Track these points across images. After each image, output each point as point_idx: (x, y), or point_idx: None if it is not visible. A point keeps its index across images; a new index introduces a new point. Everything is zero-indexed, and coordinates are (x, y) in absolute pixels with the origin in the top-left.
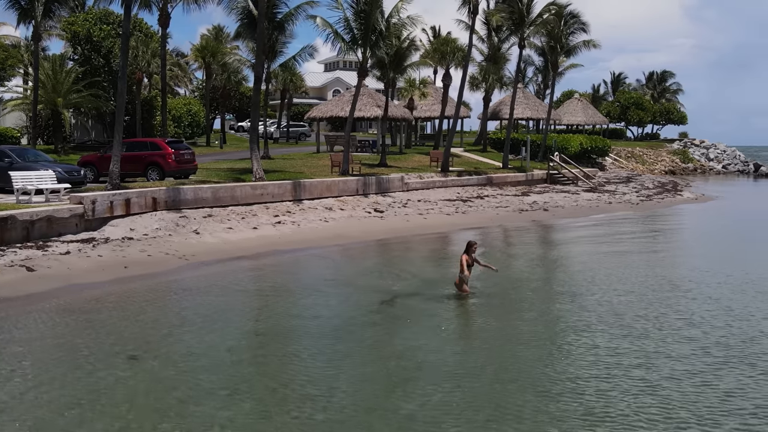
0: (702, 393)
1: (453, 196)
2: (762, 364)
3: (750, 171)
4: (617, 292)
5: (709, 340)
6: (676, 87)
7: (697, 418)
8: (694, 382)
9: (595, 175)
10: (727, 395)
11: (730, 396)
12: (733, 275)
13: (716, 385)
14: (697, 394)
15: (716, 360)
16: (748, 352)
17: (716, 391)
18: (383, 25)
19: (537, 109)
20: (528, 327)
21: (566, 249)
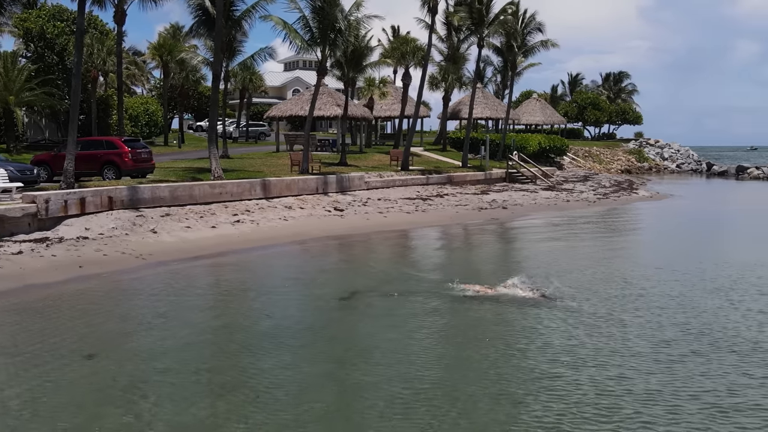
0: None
1: (413, 195)
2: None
3: (703, 170)
4: (577, 289)
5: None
6: (632, 88)
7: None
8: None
9: (553, 174)
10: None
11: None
12: (688, 271)
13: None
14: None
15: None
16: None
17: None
18: (343, 24)
19: (496, 109)
20: (479, 323)
21: (524, 246)
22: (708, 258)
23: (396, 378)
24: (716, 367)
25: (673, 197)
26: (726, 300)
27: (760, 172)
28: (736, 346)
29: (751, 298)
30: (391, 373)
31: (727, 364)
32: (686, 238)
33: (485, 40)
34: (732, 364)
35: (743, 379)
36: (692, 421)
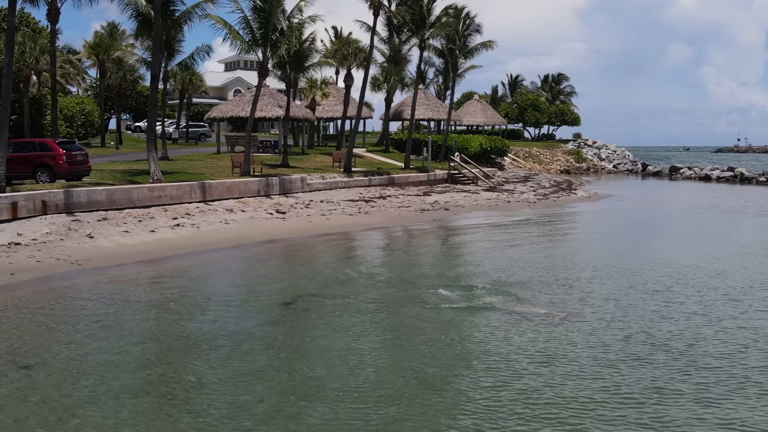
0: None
1: (356, 197)
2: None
3: (638, 170)
4: (517, 285)
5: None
6: (570, 89)
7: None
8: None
9: (494, 175)
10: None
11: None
12: (624, 269)
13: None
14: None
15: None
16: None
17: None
18: (284, 25)
19: (438, 110)
20: (427, 321)
21: (466, 247)
22: (648, 258)
23: (337, 383)
24: (650, 369)
25: (611, 198)
26: (665, 299)
27: (692, 172)
28: (673, 346)
29: (686, 296)
30: (332, 378)
31: (661, 363)
32: (625, 238)
33: (426, 41)
34: (666, 364)
35: (677, 378)
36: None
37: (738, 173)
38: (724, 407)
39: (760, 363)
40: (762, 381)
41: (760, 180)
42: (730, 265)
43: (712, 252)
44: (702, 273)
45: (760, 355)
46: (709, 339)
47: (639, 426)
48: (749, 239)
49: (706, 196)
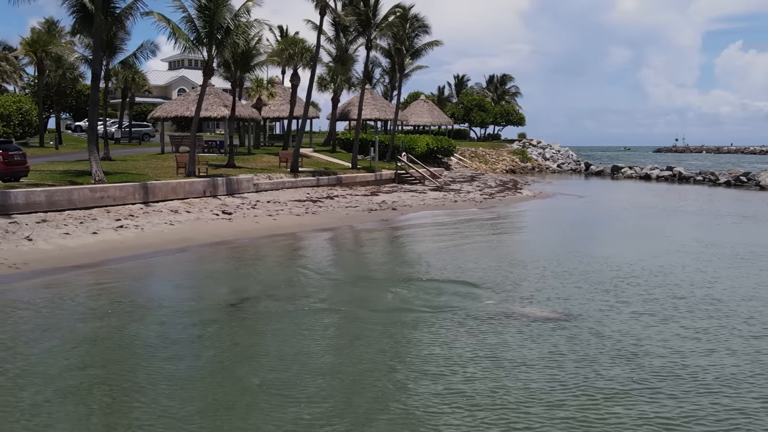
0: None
1: (303, 197)
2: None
3: (581, 170)
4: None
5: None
6: (515, 90)
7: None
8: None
9: (441, 175)
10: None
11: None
12: (571, 267)
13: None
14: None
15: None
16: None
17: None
18: (230, 24)
19: (385, 110)
20: (371, 320)
21: (413, 246)
22: (593, 256)
23: (283, 385)
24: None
25: (556, 197)
26: (613, 297)
27: (632, 171)
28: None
29: (628, 293)
30: (275, 382)
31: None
32: (570, 236)
33: (373, 41)
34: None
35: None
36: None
37: (676, 172)
38: (666, 401)
39: (701, 359)
40: (704, 376)
41: (697, 179)
42: (670, 263)
43: (653, 251)
44: (646, 272)
45: (701, 351)
46: (653, 336)
47: (586, 424)
48: (688, 238)
49: (646, 195)
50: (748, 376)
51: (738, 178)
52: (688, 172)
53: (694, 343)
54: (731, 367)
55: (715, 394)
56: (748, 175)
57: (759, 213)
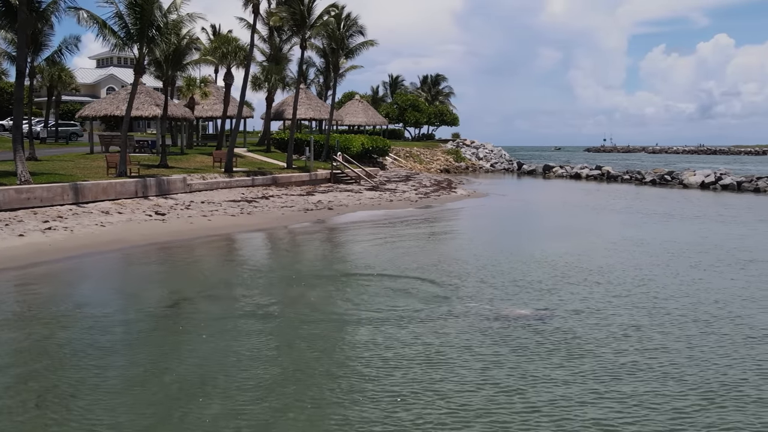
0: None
1: (238, 197)
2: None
3: (514, 169)
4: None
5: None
6: (449, 90)
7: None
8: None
9: (376, 174)
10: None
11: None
12: (506, 264)
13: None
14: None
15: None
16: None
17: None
18: (161, 21)
19: (319, 110)
20: (309, 320)
21: (350, 245)
22: (526, 254)
23: (211, 390)
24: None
25: (489, 196)
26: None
27: (563, 171)
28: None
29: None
30: (206, 385)
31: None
32: (504, 234)
33: (308, 41)
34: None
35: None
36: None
37: (605, 171)
38: (594, 391)
39: (639, 356)
40: (644, 373)
41: (624, 178)
42: (605, 261)
43: (586, 249)
44: (578, 270)
45: (639, 348)
46: (587, 328)
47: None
48: (619, 236)
49: (577, 194)
50: (684, 371)
51: (663, 177)
52: (616, 171)
53: (633, 340)
54: (668, 365)
55: (655, 392)
56: (672, 174)
57: (683, 211)
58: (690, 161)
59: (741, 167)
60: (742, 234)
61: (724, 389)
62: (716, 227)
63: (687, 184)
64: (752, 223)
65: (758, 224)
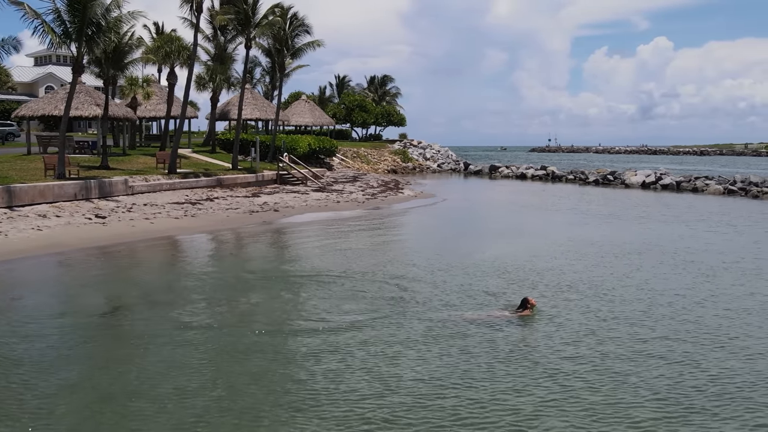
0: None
1: (181, 199)
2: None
3: (461, 169)
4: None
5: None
6: (396, 90)
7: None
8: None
9: (323, 175)
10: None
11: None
12: (453, 266)
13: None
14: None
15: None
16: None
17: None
18: (102, 20)
19: (265, 110)
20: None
21: (295, 247)
22: (474, 256)
23: (147, 401)
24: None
25: (436, 196)
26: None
27: (509, 171)
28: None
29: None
30: (142, 396)
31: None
32: (451, 236)
33: (253, 40)
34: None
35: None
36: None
37: (550, 172)
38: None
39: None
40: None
41: (569, 178)
42: (555, 262)
43: (536, 250)
44: (528, 272)
45: (595, 350)
46: (537, 334)
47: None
48: (564, 237)
49: (523, 195)
50: (633, 373)
51: (605, 177)
52: (561, 171)
53: (587, 342)
54: (617, 368)
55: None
56: (614, 174)
57: (628, 212)
58: (632, 161)
59: (680, 167)
60: (688, 234)
61: (674, 396)
62: (661, 228)
63: (629, 184)
64: (693, 222)
65: (698, 223)
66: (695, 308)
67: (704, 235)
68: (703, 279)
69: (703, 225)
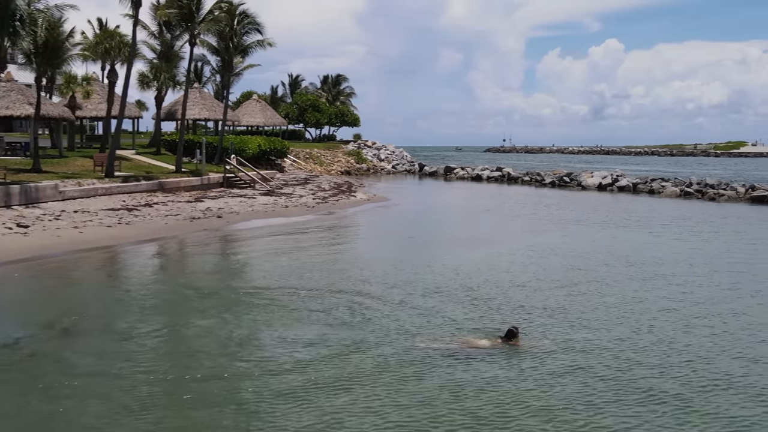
0: None
1: (117, 205)
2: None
3: (416, 170)
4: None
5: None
6: (350, 90)
7: None
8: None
9: (273, 178)
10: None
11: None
12: (402, 276)
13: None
14: None
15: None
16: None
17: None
18: (24, 12)
19: (215, 110)
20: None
21: (235, 258)
22: (428, 264)
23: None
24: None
25: (390, 200)
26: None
27: (464, 172)
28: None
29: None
30: None
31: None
32: (408, 243)
33: (198, 37)
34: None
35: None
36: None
37: (506, 173)
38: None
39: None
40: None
41: (525, 180)
42: (522, 274)
43: (493, 263)
44: (486, 288)
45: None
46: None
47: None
48: (524, 247)
49: (480, 198)
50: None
51: (562, 179)
52: (517, 172)
53: (553, 361)
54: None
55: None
56: (571, 176)
57: (588, 217)
58: (587, 162)
59: (635, 168)
60: (654, 242)
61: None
62: (624, 235)
63: (585, 185)
64: (657, 228)
65: (662, 230)
66: (681, 335)
67: (671, 243)
68: (680, 295)
69: (668, 232)
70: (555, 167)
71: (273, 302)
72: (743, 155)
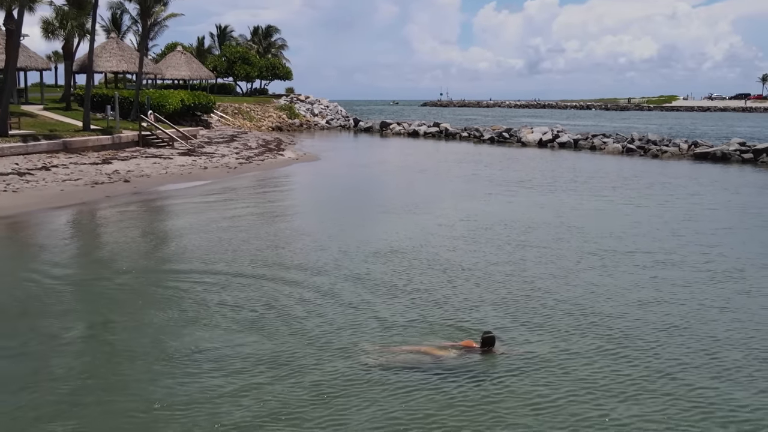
0: None
1: (8, 169)
2: None
3: (351, 126)
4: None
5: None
6: (282, 42)
7: None
8: None
9: (197, 135)
10: None
11: None
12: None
13: None
14: None
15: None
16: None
17: None
18: None
19: (135, 62)
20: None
21: (136, 231)
22: (354, 241)
23: None
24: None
25: (321, 159)
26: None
27: (401, 128)
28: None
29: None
30: None
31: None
32: (340, 211)
33: None
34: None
35: None
36: None
37: (443, 129)
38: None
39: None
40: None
41: (463, 136)
42: (456, 257)
43: (434, 237)
44: (431, 272)
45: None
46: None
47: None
48: (468, 217)
49: (417, 156)
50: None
51: (501, 135)
52: (454, 128)
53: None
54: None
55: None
56: (510, 132)
57: (532, 179)
58: (524, 116)
59: (573, 122)
60: (606, 208)
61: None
62: (574, 201)
63: (525, 142)
64: (606, 191)
65: (612, 193)
66: (666, 338)
67: (625, 209)
68: (653, 282)
69: (619, 196)
70: (493, 122)
71: (152, 302)
72: (675, 109)
